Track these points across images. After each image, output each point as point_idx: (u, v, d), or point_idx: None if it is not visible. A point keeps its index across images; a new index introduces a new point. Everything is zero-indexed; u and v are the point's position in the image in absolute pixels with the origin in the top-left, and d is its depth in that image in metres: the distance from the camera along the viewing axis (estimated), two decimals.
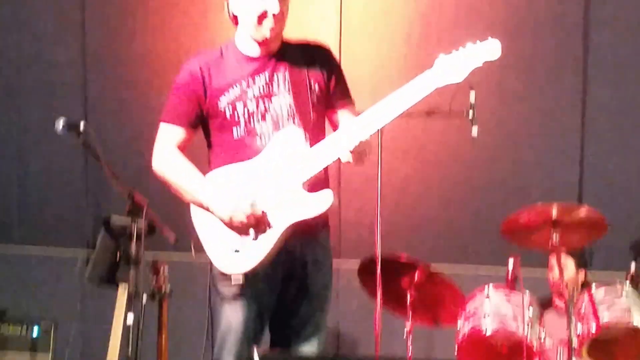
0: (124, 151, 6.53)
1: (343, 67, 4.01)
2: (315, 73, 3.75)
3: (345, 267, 5.33)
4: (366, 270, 4.84)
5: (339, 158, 3.58)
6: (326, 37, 6.15)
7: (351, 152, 3.52)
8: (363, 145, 3.52)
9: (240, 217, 3.55)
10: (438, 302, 5.05)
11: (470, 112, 4.89)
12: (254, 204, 3.56)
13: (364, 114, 3.53)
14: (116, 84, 6.76)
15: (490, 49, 3.49)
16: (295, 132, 3.63)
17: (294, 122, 3.66)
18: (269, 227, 3.57)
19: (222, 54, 3.77)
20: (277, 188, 3.59)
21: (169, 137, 3.75)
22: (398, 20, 6.41)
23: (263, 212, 3.57)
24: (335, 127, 3.81)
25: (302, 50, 3.79)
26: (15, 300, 6.56)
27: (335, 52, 3.98)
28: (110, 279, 4.49)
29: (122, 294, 4.35)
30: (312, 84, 3.73)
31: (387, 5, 6.42)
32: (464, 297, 4.90)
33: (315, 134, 3.68)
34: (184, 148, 3.77)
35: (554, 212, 4.77)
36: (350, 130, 3.50)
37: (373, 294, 4.37)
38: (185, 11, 6.64)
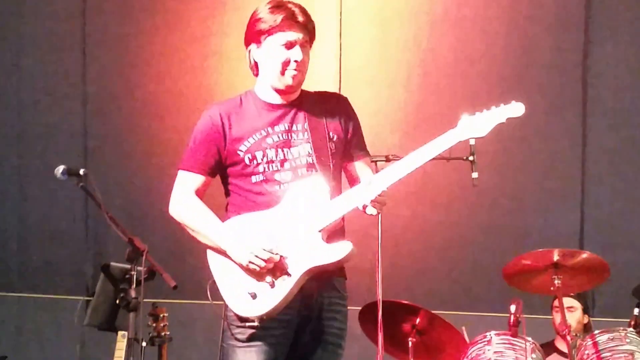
0: (124, 197, 6.57)
1: None
2: (333, 122, 3.77)
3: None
4: (367, 315, 4.84)
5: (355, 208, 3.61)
6: (326, 83, 6.24)
7: (372, 202, 3.53)
8: (383, 196, 3.54)
9: (259, 262, 3.57)
10: (440, 347, 5.04)
11: (471, 157, 4.91)
12: (273, 251, 3.58)
13: (387, 168, 3.57)
14: (116, 130, 6.82)
15: (514, 109, 3.56)
16: (317, 181, 3.65)
17: (312, 171, 3.69)
18: (287, 275, 3.59)
19: (241, 102, 3.78)
20: (294, 234, 3.61)
21: (187, 184, 3.76)
22: (397, 67, 6.49)
23: (281, 258, 3.59)
24: (350, 177, 3.84)
25: (321, 100, 3.82)
26: (15, 346, 6.54)
27: None
28: (110, 324, 4.48)
29: (121, 340, 4.33)
30: (331, 133, 3.75)
31: (386, 52, 6.50)
32: (466, 342, 4.89)
33: (333, 183, 3.70)
34: (201, 194, 3.77)
35: (555, 257, 4.79)
36: (372, 182, 3.53)
37: (374, 339, 4.36)
38: (183, 59, 6.73)
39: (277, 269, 3.58)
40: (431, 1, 6.43)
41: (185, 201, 3.73)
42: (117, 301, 4.19)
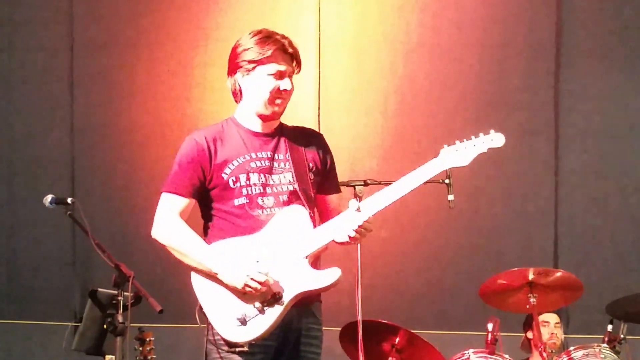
0: (110, 225, 6.63)
1: None
2: (312, 153, 3.87)
3: (327, 332, 5.38)
4: (348, 335, 4.92)
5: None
6: (305, 110, 6.35)
7: (356, 231, 3.62)
8: (370, 223, 3.65)
9: (255, 285, 3.60)
10: None
11: (447, 179, 5.02)
12: (268, 274, 3.62)
13: (374, 196, 3.66)
14: (102, 160, 6.89)
15: (495, 140, 3.68)
16: (299, 209, 3.73)
17: (294, 198, 3.76)
18: (280, 298, 3.63)
19: (223, 129, 3.84)
20: (282, 260, 3.67)
21: (171, 207, 3.77)
22: (374, 94, 6.61)
23: (275, 282, 3.64)
24: (323, 209, 3.90)
25: (300, 133, 3.91)
26: None
27: (314, 124, 4.01)
28: (98, 349, 4.52)
29: None
30: (310, 164, 3.84)
31: (363, 80, 6.62)
32: None
33: (313, 211, 3.78)
34: (185, 216, 3.79)
35: (530, 276, 4.92)
36: (362, 210, 3.62)
37: (355, 359, 4.43)
38: (167, 90, 6.81)
39: (269, 292, 3.62)
40: (406, 30, 6.55)
41: (171, 224, 3.75)
42: (105, 326, 4.19)
